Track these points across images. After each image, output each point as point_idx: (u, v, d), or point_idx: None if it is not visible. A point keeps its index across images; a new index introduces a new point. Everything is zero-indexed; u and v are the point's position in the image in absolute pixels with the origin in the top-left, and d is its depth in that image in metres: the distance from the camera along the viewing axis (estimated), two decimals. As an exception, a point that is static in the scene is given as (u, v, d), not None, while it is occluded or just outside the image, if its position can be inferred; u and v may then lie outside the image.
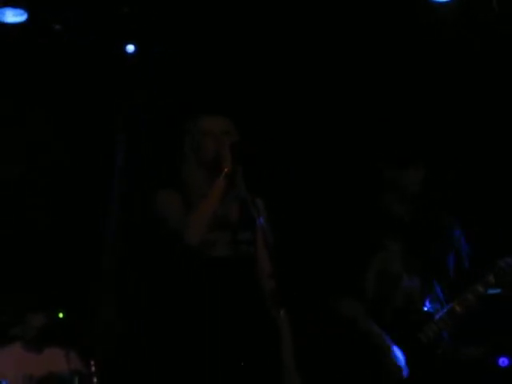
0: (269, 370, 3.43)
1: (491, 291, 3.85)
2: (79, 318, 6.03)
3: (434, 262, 3.92)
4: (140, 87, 6.58)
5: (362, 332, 3.87)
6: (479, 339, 5.06)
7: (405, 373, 3.77)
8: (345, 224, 4.10)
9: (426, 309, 3.86)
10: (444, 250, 3.96)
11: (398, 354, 3.79)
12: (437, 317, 3.83)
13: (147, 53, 6.40)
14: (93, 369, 5.58)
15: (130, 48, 6.39)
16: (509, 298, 3.90)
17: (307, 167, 6.30)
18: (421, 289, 3.89)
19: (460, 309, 3.81)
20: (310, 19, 5.94)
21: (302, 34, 6.03)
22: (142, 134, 6.66)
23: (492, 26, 5.52)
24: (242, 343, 3.39)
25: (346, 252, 3.97)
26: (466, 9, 5.54)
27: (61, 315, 5.76)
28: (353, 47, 6.04)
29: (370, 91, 6.13)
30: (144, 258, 6.35)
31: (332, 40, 6.04)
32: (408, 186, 3.96)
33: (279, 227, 3.69)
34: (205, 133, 3.56)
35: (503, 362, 5.19)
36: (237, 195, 3.55)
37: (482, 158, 5.82)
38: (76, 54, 6.24)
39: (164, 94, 6.49)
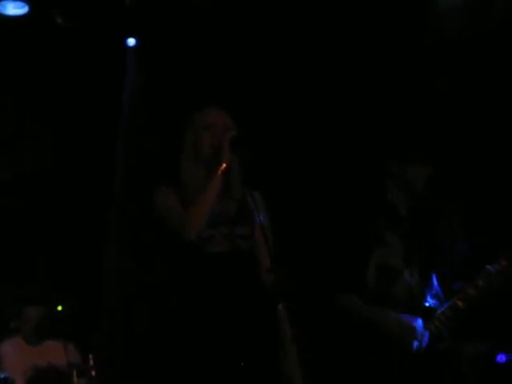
0: (268, 365, 3.42)
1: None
2: (78, 311, 6.05)
3: (433, 257, 3.92)
4: (141, 81, 6.58)
5: (364, 318, 3.87)
6: (480, 335, 5.06)
7: (423, 338, 3.77)
8: (345, 218, 4.08)
9: (427, 304, 3.85)
10: (443, 245, 3.96)
11: (411, 321, 3.79)
12: (439, 312, 3.83)
13: (148, 46, 6.40)
14: (91, 362, 5.60)
15: (131, 41, 6.39)
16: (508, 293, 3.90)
17: (308, 161, 6.29)
18: (421, 284, 3.89)
19: (462, 304, 3.80)
20: (312, 14, 5.94)
21: (306, 29, 6.03)
22: (143, 129, 6.67)
23: (497, 25, 5.52)
24: (241, 337, 3.38)
25: (346, 246, 3.96)
26: (471, 11, 5.55)
27: (59, 308, 5.78)
28: (360, 42, 6.03)
29: (380, 84, 6.12)
30: (144, 253, 6.35)
31: (337, 34, 6.04)
32: (412, 182, 3.94)
33: (279, 221, 3.68)
34: (206, 127, 3.53)
35: (501, 358, 5.19)
36: (234, 190, 3.54)
37: (486, 155, 5.82)
38: (77, 47, 6.23)
39: (164, 87, 6.49)
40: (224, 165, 3.41)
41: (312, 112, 6.30)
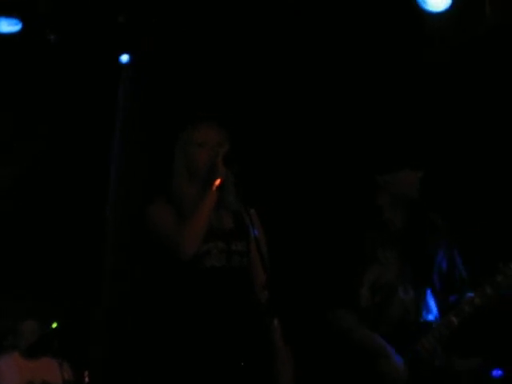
0: (262, 379, 3.42)
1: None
2: (73, 328, 6.04)
3: (427, 271, 3.90)
4: (134, 97, 6.60)
5: (358, 340, 3.85)
6: (474, 351, 5.05)
7: (404, 378, 3.75)
8: (338, 234, 4.07)
9: (422, 320, 3.84)
10: (437, 259, 3.95)
11: (398, 359, 3.77)
12: (433, 328, 3.82)
13: (142, 62, 6.42)
14: (86, 379, 5.59)
15: (125, 58, 6.40)
16: (504, 309, 3.88)
17: (300, 175, 6.30)
18: (416, 300, 3.87)
19: (456, 320, 3.79)
20: (307, 21, 5.94)
21: (299, 38, 6.03)
22: (134, 145, 6.68)
23: (484, 36, 5.54)
24: (235, 352, 3.38)
25: (340, 263, 3.95)
26: (459, 19, 5.56)
27: (54, 325, 5.77)
28: (348, 53, 6.04)
29: (365, 94, 6.13)
30: (137, 269, 6.34)
31: (326, 45, 6.04)
32: (401, 190, 3.92)
33: (273, 237, 3.69)
34: (198, 144, 3.53)
35: (497, 373, 5.18)
36: (229, 206, 3.54)
37: (476, 160, 5.82)
38: (71, 64, 6.24)
39: (158, 102, 6.50)
40: (218, 180, 3.42)
41: (305, 120, 6.31)
